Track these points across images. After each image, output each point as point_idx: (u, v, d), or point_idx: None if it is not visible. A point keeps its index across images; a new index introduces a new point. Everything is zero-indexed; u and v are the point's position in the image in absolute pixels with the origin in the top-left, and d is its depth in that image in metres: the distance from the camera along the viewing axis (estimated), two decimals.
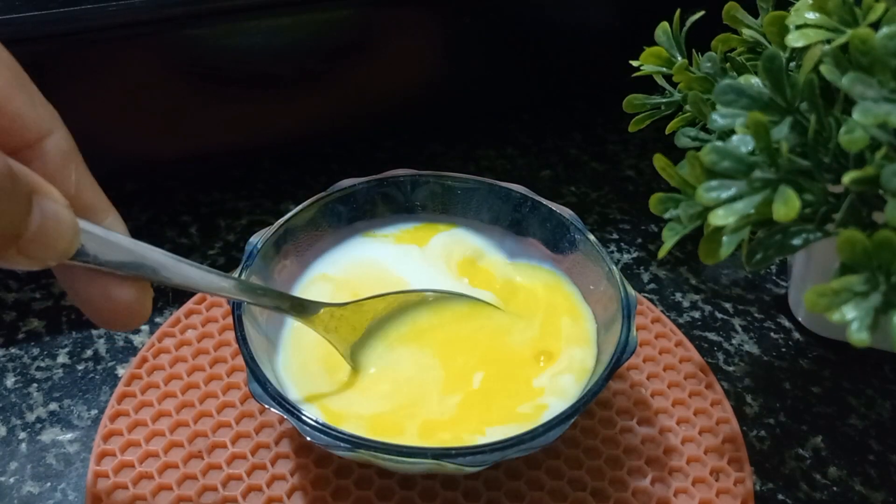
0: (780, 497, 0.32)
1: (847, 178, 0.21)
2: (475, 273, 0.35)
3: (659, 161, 0.27)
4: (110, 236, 0.23)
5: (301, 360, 0.31)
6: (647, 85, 0.33)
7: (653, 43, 0.33)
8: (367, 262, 0.35)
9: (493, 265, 0.36)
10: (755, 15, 0.31)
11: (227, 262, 0.41)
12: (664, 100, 0.33)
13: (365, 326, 0.32)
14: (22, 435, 0.32)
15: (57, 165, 0.23)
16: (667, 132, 0.32)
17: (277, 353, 0.31)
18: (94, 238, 0.23)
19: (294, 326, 0.32)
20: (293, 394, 0.30)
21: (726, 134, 0.25)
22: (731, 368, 0.37)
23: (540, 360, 0.32)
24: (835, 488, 0.32)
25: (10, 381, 0.34)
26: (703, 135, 0.30)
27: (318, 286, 0.34)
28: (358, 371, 0.31)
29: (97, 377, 0.35)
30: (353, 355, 0.31)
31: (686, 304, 0.40)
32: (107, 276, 0.23)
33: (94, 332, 0.37)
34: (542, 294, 0.34)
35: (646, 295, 0.40)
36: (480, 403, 0.30)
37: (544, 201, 0.35)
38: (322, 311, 0.30)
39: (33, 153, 0.22)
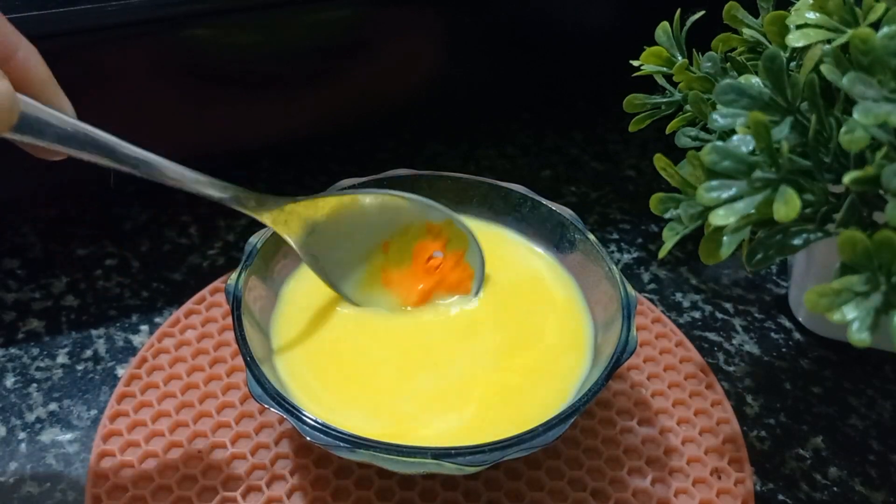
0: (781, 497, 0.32)
1: (847, 177, 0.21)
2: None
3: (659, 161, 0.27)
4: (54, 113, 0.25)
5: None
6: (648, 85, 0.33)
7: (653, 43, 0.33)
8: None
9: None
10: (755, 15, 0.31)
11: (226, 261, 0.41)
12: (664, 100, 0.33)
13: (313, 220, 0.33)
14: (22, 435, 0.32)
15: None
16: (667, 132, 0.32)
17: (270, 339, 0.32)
18: (39, 112, 0.25)
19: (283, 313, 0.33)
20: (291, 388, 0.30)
21: (727, 134, 0.25)
22: (731, 369, 0.37)
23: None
24: (835, 488, 0.32)
25: (9, 381, 0.34)
26: (703, 135, 0.30)
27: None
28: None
29: (97, 377, 0.35)
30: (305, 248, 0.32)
31: (686, 304, 0.40)
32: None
33: (94, 332, 0.37)
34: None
35: (646, 295, 0.40)
36: None
37: (544, 201, 0.35)
38: (277, 207, 0.31)
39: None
